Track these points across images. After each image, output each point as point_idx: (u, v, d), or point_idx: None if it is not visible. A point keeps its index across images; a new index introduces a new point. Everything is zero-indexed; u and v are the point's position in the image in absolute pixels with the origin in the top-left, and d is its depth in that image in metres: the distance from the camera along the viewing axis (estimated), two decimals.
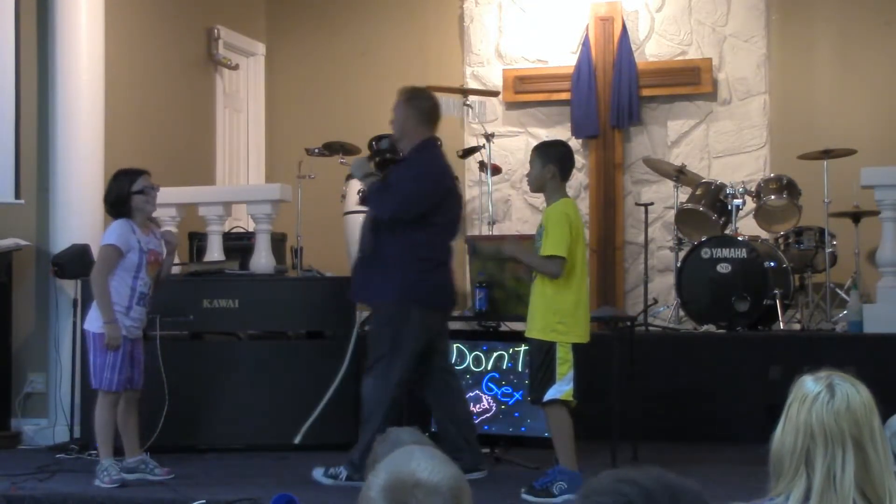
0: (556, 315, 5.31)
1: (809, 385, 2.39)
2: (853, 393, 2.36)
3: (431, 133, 5.92)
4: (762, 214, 8.15)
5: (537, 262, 5.37)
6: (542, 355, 5.34)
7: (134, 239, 5.82)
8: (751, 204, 8.27)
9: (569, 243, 5.26)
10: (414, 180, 5.78)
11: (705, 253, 7.68)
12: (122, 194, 5.86)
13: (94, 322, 5.81)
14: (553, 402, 5.30)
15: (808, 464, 2.33)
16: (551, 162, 5.42)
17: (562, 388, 5.28)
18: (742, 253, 7.59)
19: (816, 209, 8.03)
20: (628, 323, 6.74)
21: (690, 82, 9.22)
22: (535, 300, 5.40)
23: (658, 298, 8.58)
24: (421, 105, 5.90)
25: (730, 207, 8.01)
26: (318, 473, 5.68)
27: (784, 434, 2.37)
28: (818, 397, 2.35)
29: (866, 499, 2.30)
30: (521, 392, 6.51)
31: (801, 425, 2.34)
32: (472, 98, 8.88)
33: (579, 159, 8.87)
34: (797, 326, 8.01)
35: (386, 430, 2.74)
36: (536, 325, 5.39)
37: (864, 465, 2.31)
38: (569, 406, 5.33)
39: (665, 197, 8.97)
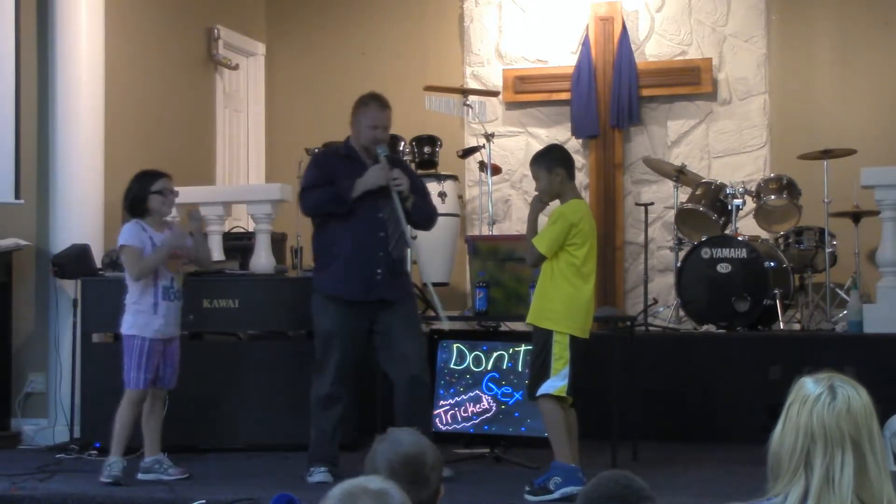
0: (549, 303, 5.36)
1: (810, 386, 2.39)
2: (854, 395, 2.36)
3: None
4: (762, 214, 8.15)
5: (528, 242, 5.44)
6: (540, 346, 5.38)
7: (146, 236, 5.86)
8: (751, 204, 8.27)
9: (555, 245, 5.31)
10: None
11: (705, 253, 7.68)
12: (141, 194, 5.90)
13: (125, 325, 5.84)
14: (545, 396, 5.32)
15: (807, 465, 2.33)
16: (557, 166, 5.47)
17: (555, 383, 5.30)
18: (742, 253, 7.59)
19: (816, 209, 8.03)
20: (628, 323, 6.75)
21: (690, 82, 9.21)
22: (537, 285, 5.48)
23: (658, 298, 8.58)
24: None
25: (730, 207, 8.01)
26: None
27: (784, 434, 2.37)
28: (819, 398, 2.35)
29: (862, 503, 2.30)
30: (521, 392, 6.50)
31: (801, 426, 2.34)
32: (472, 98, 8.87)
33: (579, 159, 8.87)
34: (797, 326, 8.01)
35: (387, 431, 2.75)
36: (532, 309, 5.46)
37: (862, 468, 2.31)
38: (562, 401, 5.34)
39: (665, 197, 8.97)
